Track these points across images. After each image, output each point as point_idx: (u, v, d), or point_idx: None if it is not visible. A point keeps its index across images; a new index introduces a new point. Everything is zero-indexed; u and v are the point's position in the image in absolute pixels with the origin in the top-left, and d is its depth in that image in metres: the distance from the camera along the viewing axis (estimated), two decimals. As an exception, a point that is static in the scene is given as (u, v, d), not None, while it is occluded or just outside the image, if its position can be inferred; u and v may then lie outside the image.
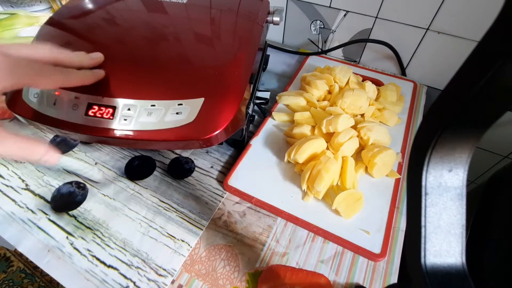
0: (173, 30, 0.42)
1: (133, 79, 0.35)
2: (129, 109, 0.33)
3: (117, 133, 0.32)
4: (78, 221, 0.40)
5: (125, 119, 0.32)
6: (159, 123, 0.32)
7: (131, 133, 0.32)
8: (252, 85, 0.42)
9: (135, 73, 0.35)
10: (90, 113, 0.33)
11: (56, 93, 0.34)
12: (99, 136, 0.33)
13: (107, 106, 0.33)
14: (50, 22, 0.42)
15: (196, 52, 0.39)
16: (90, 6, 0.45)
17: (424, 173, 0.16)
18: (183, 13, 0.45)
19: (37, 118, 0.34)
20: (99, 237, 0.38)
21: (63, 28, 0.41)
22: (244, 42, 0.40)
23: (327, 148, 0.45)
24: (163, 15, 0.44)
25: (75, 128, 0.33)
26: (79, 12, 0.44)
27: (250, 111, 0.44)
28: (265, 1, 0.50)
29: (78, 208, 0.41)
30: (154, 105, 0.33)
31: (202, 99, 0.33)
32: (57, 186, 0.43)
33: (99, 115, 0.33)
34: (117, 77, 0.35)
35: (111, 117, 0.33)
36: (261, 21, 0.46)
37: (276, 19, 0.50)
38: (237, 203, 0.43)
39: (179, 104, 0.33)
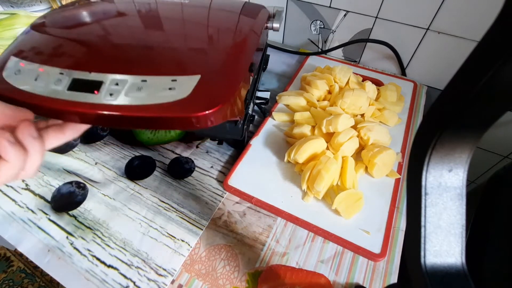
0: (172, 18, 0.42)
1: (125, 55, 0.33)
2: (117, 84, 0.31)
3: (102, 108, 0.30)
4: (78, 221, 0.40)
5: (111, 94, 0.30)
6: (149, 97, 0.30)
7: (117, 108, 0.30)
8: (252, 76, 0.41)
9: (127, 49, 0.34)
10: (74, 88, 0.31)
11: (40, 69, 0.32)
12: (83, 112, 0.30)
13: (92, 81, 0.31)
14: (40, 18, 0.42)
15: (195, 34, 0.39)
16: (86, 7, 0.45)
17: (424, 173, 0.16)
18: (182, 6, 0.45)
19: (18, 95, 0.31)
20: (99, 237, 0.38)
21: (55, 20, 0.41)
22: (245, 29, 0.40)
23: (327, 148, 0.45)
24: (161, 9, 0.44)
25: (56, 104, 0.30)
26: (73, 8, 0.44)
27: (250, 111, 0.44)
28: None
29: (78, 208, 0.41)
30: (145, 81, 0.31)
31: (199, 76, 0.31)
32: (57, 186, 0.43)
33: (83, 90, 0.30)
34: (108, 52, 0.34)
35: (96, 92, 0.30)
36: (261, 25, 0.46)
37: (276, 25, 0.50)
38: (237, 203, 0.43)
39: (173, 80, 0.31)
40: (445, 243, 0.16)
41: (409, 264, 0.17)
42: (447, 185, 0.16)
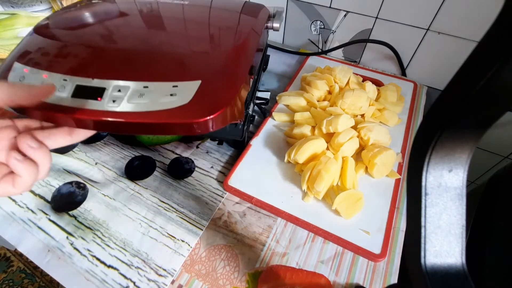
0: (171, 20, 0.42)
1: (126, 61, 0.34)
2: (119, 91, 0.31)
3: (106, 115, 0.31)
4: (78, 221, 0.40)
5: (113, 101, 0.31)
6: (151, 104, 0.30)
7: (120, 115, 0.30)
8: (252, 78, 0.41)
9: (129, 54, 0.34)
10: (77, 95, 0.31)
11: (44, 75, 0.32)
12: (87, 119, 0.31)
13: (96, 88, 0.31)
14: (43, 21, 0.42)
15: (195, 38, 0.39)
16: (88, 6, 0.45)
17: (424, 173, 0.16)
18: (182, 8, 0.45)
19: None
20: (99, 237, 0.38)
21: (57, 23, 0.41)
22: (245, 32, 0.40)
23: (327, 148, 0.45)
24: (161, 9, 0.44)
25: (61, 110, 0.31)
26: (76, 10, 0.44)
27: (250, 111, 0.44)
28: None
29: (78, 208, 0.41)
30: (147, 87, 0.31)
31: (199, 82, 0.31)
32: (57, 186, 0.43)
33: (87, 97, 0.31)
34: (109, 58, 0.34)
35: (99, 99, 0.31)
36: (262, 19, 0.46)
37: (276, 25, 0.50)
38: (237, 203, 0.43)
39: (174, 86, 0.31)
40: (445, 243, 0.16)
41: (409, 264, 0.17)
42: (447, 185, 0.16)
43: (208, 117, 0.30)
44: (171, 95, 0.31)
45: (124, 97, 0.31)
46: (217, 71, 0.33)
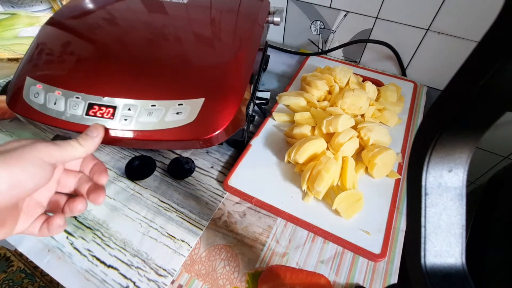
0: (174, 30, 0.42)
1: (133, 79, 0.35)
2: (129, 109, 0.33)
3: (118, 133, 0.33)
4: (78, 221, 0.40)
5: (125, 119, 0.33)
6: (160, 123, 0.32)
7: (131, 133, 0.33)
8: (252, 85, 0.42)
9: (135, 73, 0.35)
10: (90, 113, 0.33)
11: (57, 92, 0.34)
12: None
13: (107, 106, 0.33)
14: (50, 22, 0.42)
15: (197, 52, 0.39)
16: (90, 6, 0.45)
17: (424, 173, 0.16)
18: (183, 13, 0.45)
19: (38, 117, 0.34)
20: (99, 237, 0.38)
21: (64, 28, 0.41)
22: (244, 42, 0.40)
23: (327, 149, 0.45)
24: (163, 15, 0.44)
25: (76, 127, 0.33)
26: (79, 12, 0.44)
27: (250, 111, 0.44)
28: (266, 1, 0.50)
29: (78, 208, 0.41)
30: (154, 105, 0.33)
31: (203, 99, 0.33)
32: (57, 186, 0.43)
33: (100, 115, 0.33)
34: (118, 77, 0.35)
35: (112, 117, 0.33)
36: (262, 21, 0.46)
37: (276, 19, 0.50)
38: (237, 203, 0.43)
39: (179, 104, 0.33)
40: (445, 243, 0.16)
41: (409, 265, 0.17)
42: (447, 185, 0.16)
43: (213, 134, 0.33)
44: (178, 113, 0.33)
45: (135, 116, 0.33)
46: (219, 86, 0.35)
